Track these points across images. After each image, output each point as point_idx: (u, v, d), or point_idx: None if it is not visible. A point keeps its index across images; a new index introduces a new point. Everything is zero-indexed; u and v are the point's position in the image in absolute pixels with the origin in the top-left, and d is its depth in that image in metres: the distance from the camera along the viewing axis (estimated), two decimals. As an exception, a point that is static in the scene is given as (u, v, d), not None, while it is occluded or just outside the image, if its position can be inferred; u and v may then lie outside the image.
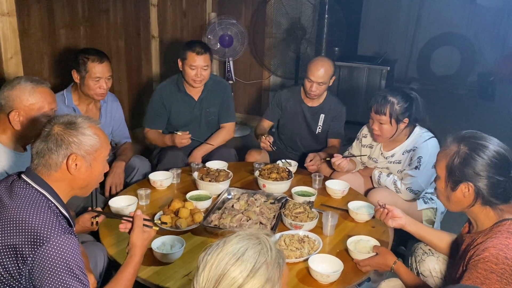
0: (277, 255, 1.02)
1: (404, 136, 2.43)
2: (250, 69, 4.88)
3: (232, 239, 1.01)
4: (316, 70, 2.73)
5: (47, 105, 1.81)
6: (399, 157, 2.45)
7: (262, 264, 0.97)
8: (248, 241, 1.01)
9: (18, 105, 1.76)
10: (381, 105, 2.32)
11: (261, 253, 0.99)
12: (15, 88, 1.77)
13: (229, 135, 2.97)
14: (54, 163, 1.34)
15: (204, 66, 2.72)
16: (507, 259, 1.32)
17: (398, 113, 2.31)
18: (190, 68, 2.72)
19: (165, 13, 4.19)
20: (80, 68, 2.41)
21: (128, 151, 2.67)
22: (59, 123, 1.36)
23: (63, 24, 3.20)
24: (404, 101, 2.32)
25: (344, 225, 2.08)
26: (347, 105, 3.05)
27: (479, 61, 7.04)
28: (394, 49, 7.21)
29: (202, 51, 2.70)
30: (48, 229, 1.24)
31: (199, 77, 2.74)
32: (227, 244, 1.00)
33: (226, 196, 2.24)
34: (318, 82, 2.74)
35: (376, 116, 2.36)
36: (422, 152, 2.32)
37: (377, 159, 2.56)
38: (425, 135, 2.38)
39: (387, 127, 2.34)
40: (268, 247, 1.02)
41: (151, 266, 1.70)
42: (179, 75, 2.87)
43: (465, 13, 7.03)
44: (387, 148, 2.51)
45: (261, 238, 1.03)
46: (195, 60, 2.69)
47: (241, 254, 0.97)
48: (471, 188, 1.45)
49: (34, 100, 1.78)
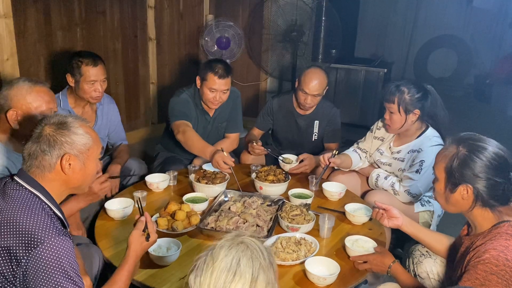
0: (267, 255, 1.01)
1: (415, 133, 2.40)
2: (247, 71, 4.88)
3: (219, 253, 0.97)
4: (311, 82, 2.70)
5: (45, 104, 1.82)
6: (404, 155, 2.42)
7: (258, 271, 0.96)
8: (236, 249, 0.98)
9: (15, 104, 1.77)
10: (391, 93, 2.32)
11: (253, 259, 0.98)
12: (13, 88, 1.78)
13: (233, 146, 2.90)
14: (47, 164, 1.34)
15: (224, 90, 2.60)
16: (507, 261, 1.32)
17: (408, 103, 2.28)
18: (210, 91, 2.58)
19: (162, 15, 4.19)
20: (75, 72, 2.40)
21: (124, 153, 2.65)
22: (50, 124, 1.36)
23: (59, 25, 3.20)
24: (416, 92, 2.29)
25: (341, 228, 2.08)
26: (345, 107, 3.06)
27: (476, 64, 7.08)
28: (391, 51, 7.24)
29: (224, 74, 2.56)
30: (42, 230, 1.23)
31: (217, 100, 2.62)
32: (216, 260, 0.96)
33: (222, 198, 2.23)
34: (314, 94, 2.72)
35: (386, 104, 2.35)
36: (425, 156, 2.29)
37: (384, 152, 2.53)
38: (434, 139, 2.33)
39: (396, 116, 2.33)
40: (258, 250, 1.00)
41: (147, 269, 1.69)
42: (195, 91, 2.72)
43: (462, 15, 7.07)
44: (396, 143, 2.48)
45: (246, 242, 1.01)
46: (215, 83, 2.56)
47: (236, 267, 0.95)
48: (470, 190, 1.45)
49: (31, 99, 1.78)
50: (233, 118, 2.90)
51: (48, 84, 1.91)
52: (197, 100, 2.73)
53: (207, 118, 2.79)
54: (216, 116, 2.81)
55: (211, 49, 4.35)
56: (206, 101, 2.65)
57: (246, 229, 1.93)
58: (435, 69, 7.40)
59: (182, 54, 4.51)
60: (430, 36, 7.28)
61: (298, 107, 2.90)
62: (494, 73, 6.62)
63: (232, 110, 2.88)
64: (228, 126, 2.90)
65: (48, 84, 1.91)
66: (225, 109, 2.83)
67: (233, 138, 2.91)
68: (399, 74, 7.36)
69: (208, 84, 2.58)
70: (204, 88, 2.61)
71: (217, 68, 2.56)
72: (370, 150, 2.64)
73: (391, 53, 7.17)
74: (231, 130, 2.91)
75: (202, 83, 2.62)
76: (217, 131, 2.88)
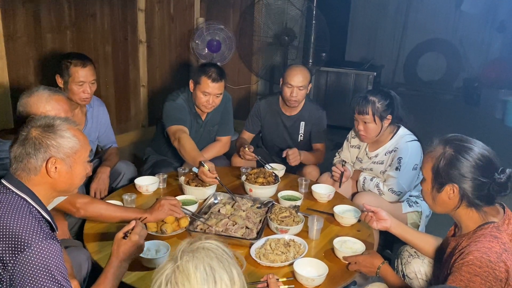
0: (225, 249, 1.01)
1: (388, 136, 2.48)
2: (238, 74, 4.89)
3: (188, 267, 0.94)
4: (295, 75, 2.74)
5: (63, 113, 1.83)
6: (382, 157, 2.49)
7: (230, 267, 0.97)
8: (201, 257, 0.96)
9: (35, 111, 1.79)
10: (363, 105, 2.38)
11: (220, 259, 0.98)
12: (33, 95, 1.81)
13: (224, 149, 2.91)
14: (33, 167, 1.33)
15: (217, 94, 2.60)
16: (490, 262, 1.34)
17: (381, 111, 2.37)
18: (203, 94, 2.58)
19: (152, 18, 4.19)
20: (63, 73, 2.40)
21: (114, 156, 2.65)
22: (36, 126, 1.35)
23: (49, 28, 3.18)
24: (384, 99, 2.38)
25: (330, 229, 2.09)
26: (335, 110, 3.08)
27: (464, 67, 7.15)
28: (381, 55, 7.30)
29: (217, 78, 2.56)
30: (29, 234, 1.22)
31: (210, 104, 2.62)
32: (190, 276, 0.93)
33: (212, 201, 2.24)
34: (298, 86, 2.75)
35: (359, 116, 2.41)
36: (402, 153, 2.37)
37: (362, 159, 2.60)
38: (407, 137, 2.43)
39: (372, 125, 2.39)
40: (218, 248, 1.00)
41: (136, 271, 1.68)
42: (189, 95, 2.72)
43: (451, 19, 7.14)
44: (371, 148, 2.56)
45: (205, 246, 1.00)
46: (209, 87, 2.56)
47: (213, 274, 0.94)
48: (456, 189, 1.47)
49: (50, 107, 1.80)
50: (224, 121, 2.91)
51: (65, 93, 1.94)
52: (190, 103, 2.73)
53: (199, 122, 2.79)
54: (208, 120, 2.82)
55: (202, 52, 4.36)
56: (199, 104, 2.66)
57: (236, 231, 1.94)
58: (424, 73, 7.48)
59: (172, 57, 4.51)
60: (420, 40, 7.35)
61: (284, 107, 2.93)
62: (483, 76, 6.69)
63: (223, 114, 2.89)
64: (219, 129, 2.91)
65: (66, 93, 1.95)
66: (216, 113, 2.84)
67: (224, 141, 2.92)
68: (389, 77, 7.42)
69: (201, 88, 2.58)
70: (197, 92, 2.61)
71: (211, 71, 2.56)
72: (349, 159, 2.71)
73: (381, 56, 7.22)
74: (222, 133, 2.92)
75: (196, 86, 2.61)
76: (209, 135, 2.89)
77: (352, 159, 2.70)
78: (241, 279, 0.99)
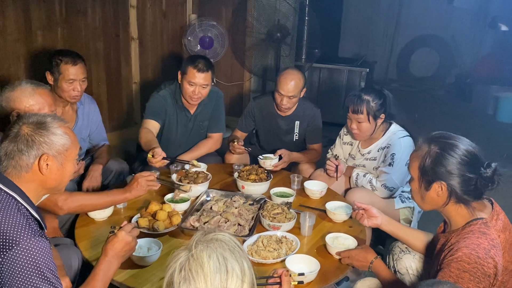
0: (239, 244, 1.04)
1: (380, 133, 2.49)
2: (231, 71, 4.88)
3: (202, 256, 0.97)
4: (286, 84, 2.71)
5: (47, 107, 1.83)
6: (375, 154, 2.50)
7: (241, 259, 1.00)
8: (215, 248, 0.99)
9: (18, 106, 1.78)
10: (357, 104, 2.38)
11: (233, 251, 1.01)
12: (16, 90, 1.79)
13: (215, 146, 2.91)
14: (25, 164, 1.32)
15: (203, 85, 2.61)
16: (479, 259, 1.36)
17: (375, 110, 2.37)
18: (189, 84, 2.61)
19: (144, 15, 4.16)
20: (54, 70, 2.38)
21: (105, 153, 2.63)
22: (28, 123, 1.35)
23: (39, 25, 3.15)
24: (378, 98, 2.38)
25: (322, 225, 2.10)
26: (328, 106, 3.07)
27: (456, 63, 7.20)
28: (374, 51, 7.32)
29: (204, 68, 2.58)
30: (18, 232, 1.22)
31: (196, 95, 2.63)
32: (203, 264, 0.96)
33: (205, 198, 2.23)
34: (289, 95, 2.73)
35: (354, 115, 2.41)
36: (395, 149, 2.38)
37: (355, 156, 2.60)
38: (399, 133, 2.44)
39: (366, 124, 2.40)
40: (231, 241, 1.03)
41: (128, 269, 1.68)
42: (176, 87, 2.75)
43: (443, 15, 7.18)
44: (364, 145, 2.56)
45: (218, 237, 1.03)
46: (195, 76, 2.59)
47: (225, 264, 0.97)
48: (444, 186, 1.48)
49: (34, 101, 1.80)
50: (216, 118, 2.91)
51: (48, 86, 1.93)
52: (177, 96, 2.75)
53: (187, 115, 2.80)
54: (197, 113, 2.82)
55: (194, 49, 4.34)
56: (186, 95, 2.68)
57: (228, 228, 1.94)
58: (417, 69, 7.52)
59: (165, 54, 4.49)
60: (412, 36, 7.39)
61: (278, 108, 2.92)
62: (475, 72, 6.73)
63: (214, 110, 2.89)
64: (210, 126, 2.91)
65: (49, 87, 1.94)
66: (207, 108, 2.84)
67: (216, 138, 2.92)
68: (382, 73, 7.45)
69: (187, 78, 2.61)
70: (184, 82, 2.64)
71: (197, 62, 2.60)
72: (342, 156, 2.71)
73: (373, 52, 7.25)
74: (213, 130, 2.92)
75: (183, 77, 2.65)
76: (199, 130, 2.89)
77: (345, 155, 2.70)
78: (251, 272, 1.02)
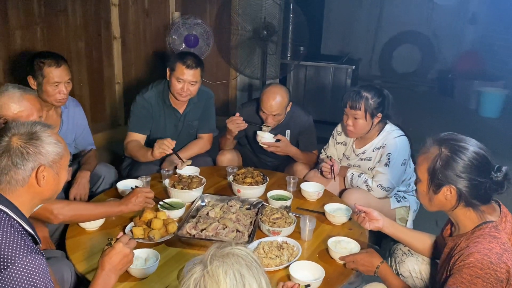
0: (254, 257, 1.01)
1: (375, 133, 2.46)
2: (216, 69, 4.80)
3: (218, 273, 0.93)
4: (269, 102, 2.58)
5: (36, 113, 1.78)
6: (370, 154, 2.46)
7: (259, 276, 0.97)
8: (231, 263, 0.95)
9: (6, 112, 1.72)
10: (356, 100, 2.34)
11: (250, 267, 0.97)
12: (3, 95, 1.74)
13: (206, 146, 2.84)
14: (21, 178, 1.25)
15: (192, 81, 2.55)
16: (492, 264, 1.33)
17: (373, 108, 2.33)
18: (177, 81, 2.54)
19: (126, 13, 4.05)
20: (37, 74, 2.26)
21: (92, 159, 2.52)
22: (18, 134, 1.27)
23: (17, 25, 3.02)
24: (377, 96, 2.35)
25: (321, 229, 2.05)
26: (314, 104, 3.01)
27: (438, 59, 7.27)
28: (357, 48, 7.33)
29: (193, 65, 2.52)
30: (13, 250, 1.15)
31: (185, 92, 2.56)
32: (220, 281, 0.92)
33: (199, 203, 2.16)
34: (273, 114, 2.62)
35: (351, 111, 2.36)
36: (391, 149, 2.35)
37: (349, 156, 2.57)
38: (394, 132, 2.41)
39: (362, 122, 2.36)
40: (247, 255, 0.99)
41: (125, 282, 1.60)
42: (164, 87, 2.68)
43: (424, 12, 7.24)
44: (358, 145, 2.52)
45: (235, 252, 0.99)
46: (183, 73, 2.52)
47: (243, 281, 0.93)
48: (453, 190, 1.45)
49: (23, 107, 1.76)
50: (206, 118, 2.84)
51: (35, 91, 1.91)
52: (165, 96, 2.68)
53: (176, 115, 2.73)
54: (186, 113, 2.75)
55: (179, 48, 4.24)
56: (174, 92, 2.61)
57: (226, 235, 1.87)
58: (399, 65, 7.57)
59: (148, 53, 4.38)
60: (394, 32, 7.43)
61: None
62: (457, 67, 6.81)
63: (204, 110, 2.82)
64: (201, 127, 2.84)
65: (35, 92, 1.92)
66: (196, 108, 2.78)
67: (206, 139, 2.85)
68: (366, 70, 7.47)
69: (176, 74, 2.55)
70: (172, 79, 2.57)
71: (186, 58, 2.55)
72: (336, 156, 2.67)
73: (357, 50, 7.26)
74: (204, 130, 2.85)
75: (171, 73, 2.58)
76: (188, 130, 2.82)
77: (339, 156, 2.66)
78: (268, 286, 0.98)
